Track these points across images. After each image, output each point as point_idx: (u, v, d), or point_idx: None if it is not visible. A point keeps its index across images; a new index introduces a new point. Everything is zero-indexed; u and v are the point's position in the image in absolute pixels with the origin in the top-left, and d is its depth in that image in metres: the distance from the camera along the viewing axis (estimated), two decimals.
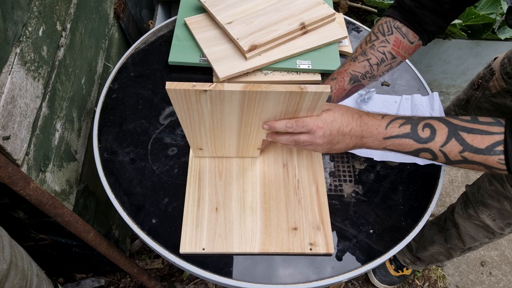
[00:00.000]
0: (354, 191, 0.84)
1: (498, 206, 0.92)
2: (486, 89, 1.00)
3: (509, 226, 0.95)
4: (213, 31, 1.04)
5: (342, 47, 1.09)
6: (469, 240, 1.05)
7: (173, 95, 0.59)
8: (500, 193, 0.90)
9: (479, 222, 0.99)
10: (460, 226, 1.04)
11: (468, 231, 1.03)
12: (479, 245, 1.07)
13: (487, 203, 0.95)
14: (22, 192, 0.64)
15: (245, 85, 0.58)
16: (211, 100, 0.60)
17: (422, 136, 0.64)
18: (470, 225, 1.02)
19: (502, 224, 0.95)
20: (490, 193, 0.93)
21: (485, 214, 0.96)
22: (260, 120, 0.67)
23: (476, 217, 0.99)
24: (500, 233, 0.98)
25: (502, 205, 0.91)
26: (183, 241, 0.74)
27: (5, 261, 0.62)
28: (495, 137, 0.60)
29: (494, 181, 0.92)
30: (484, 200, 0.95)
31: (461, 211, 1.04)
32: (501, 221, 0.95)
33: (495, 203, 0.92)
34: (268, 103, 0.62)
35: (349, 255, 0.76)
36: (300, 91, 0.59)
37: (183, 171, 0.84)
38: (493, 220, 0.96)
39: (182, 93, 0.58)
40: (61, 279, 1.30)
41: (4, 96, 0.63)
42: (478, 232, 1.01)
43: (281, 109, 0.64)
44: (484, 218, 0.97)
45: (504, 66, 0.94)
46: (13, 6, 0.65)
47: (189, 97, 0.59)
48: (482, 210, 0.96)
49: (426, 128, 0.64)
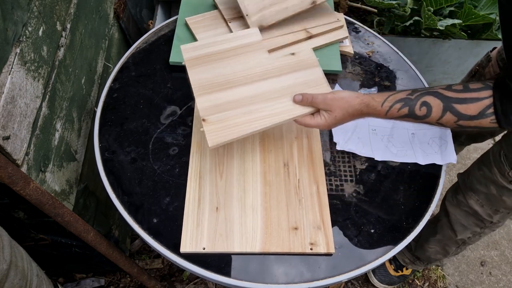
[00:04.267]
0: (355, 191, 0.84)
1: (485, 191, 0.93)
2: (482, 76, 1.03)
3: (497, 213, 0.95)
4: (214, 31, 1.04)
5: (342, 47, 1.09)
6: (460, 229, 1.05)
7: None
8: (487, 178, 0.91)
9: (468, 208, 0.99)
10: (451, 214, 1.05)
11: (459, 219, 1.04)
12: (472, 237, 1.06)
13: (476, 188, 0.96)
14: (22, 192, 0.64)
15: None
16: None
17: (420, 115, 0.71)
18: (461, 213, 1.02)
19: (490, 211, 0.96)
20: (478, 178, 0.94)
21: (473, 199, 0.97)
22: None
23: (465, 203, 0.99)
24: (489, 221, 0.98)
25: (489, 190, 0.92)
26: (183, 240, 0.74)
27: (5, 261, 0.62)
28: (485, 102, 0.66)
29: (483, 166, 0.93)
30: (473, 186, 0.96)
31: (451, 198, 1.05)
32: (488, 207, 0.95)
33: (483, 187, 0.93)
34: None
35: (349, 255, 0.75)
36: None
37: (184, 171, 0.84)
38: (481, 206, 0.96)
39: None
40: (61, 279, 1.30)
41: (4, 96, 0.63)
42: (468, 219, 1.02)
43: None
44: (472, 203, 0.97)
45: (500, 52, 0.96)
46: (13, 6, 0.65)
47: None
48: (471, 196, 0.97)
49: (423, 107, 0.70)
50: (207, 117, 0.74)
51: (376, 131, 0.93)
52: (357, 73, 1.07)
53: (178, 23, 1.08)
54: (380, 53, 1.12)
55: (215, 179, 0.82)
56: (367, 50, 1.13)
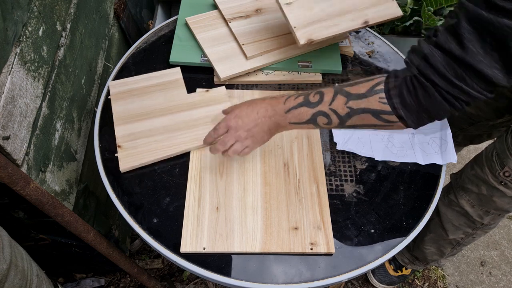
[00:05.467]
0: (355, 191, 0.84)
1: (476, 191, 0.93)
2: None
3: (487, 214, 0.95)
4: (214, 31, 1.04)
5: (342, 47, 1.09)
6: (451, 228, 1.05)
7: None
8: (479, 177, 0.91)
9: (459, 208, 0.99)
10: (442, 214, 1.05)
11: (450, 219, 1.04)
12: (465, 238, 1.06)
13: (467, 188, 0.95)
14: (22, 192, 0.64)
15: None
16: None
17: (313, 101, 0.69)
18: (452, 213, 1.02)
19: (480, 212, 0.95)
20: (470, 177, 0.94)
21: (465, 199, 0.97)
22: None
23: (456, 203, 0.99)
24: (480, 222, 0.98)
25: (479, 190, 0.92)
26: (184, 240, 0.74)
27: (5, 261, 0.62)
28: (375, 80, 0.64)
29: (476, 166, 0.93)
30: (464, 185, 0.96)
31: (444, 197, 1.04)
32: (479, 207, 0.95)
33: (474, 187, 0.93)
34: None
35: (349, 255, 0.75)
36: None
37: (184, 171, 0.84)
38: (472, 206, 0.96)
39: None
40: (61, 279, 1.30)
41: (4, 96, 0.63)
42: (459, 219, 1.02)
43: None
44: (463, 203, 0.97)
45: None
46: (13, 6, 0.65)
47: None
48: (462, 195, 0.97)
49: (316, 94, 0.69)
50: (122, 144, 0.84)
51: (376, 131, 0.93)
52: (357, 73, 1.07)
53: (178, 23, 1.08)
54: (380, 53, 1.12)
55: (215, 179, 0.82)
56: (367, 50, 1.13)
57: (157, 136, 0.86)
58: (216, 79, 0.99)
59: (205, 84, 0.99)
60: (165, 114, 0.90)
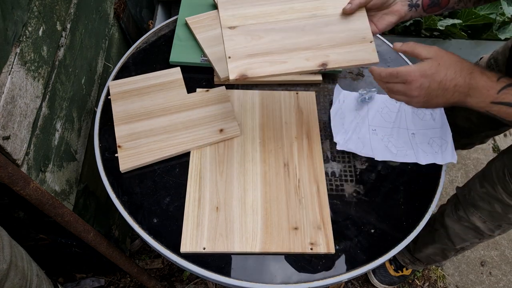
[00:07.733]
0: (355, 191, 0.84)
1: (489, 209, 0.92)
2: None
3: (498, 228, 0.95)
4: (214, 31, 1.04)
5: None
6: (458, 241, 1.05)
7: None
8: (491, 196, 0.90)
9: (469, 224, 0.98)
10: (449, 228, 1.04)
11: (457, 233, 1.03)
12: (470, 245, 1.07)
13: (478, 205, 0.94)
14: (22, 192, 0.64)
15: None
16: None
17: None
18: (460, 227, 1.02)
19: (492, 226, 0.95)
20: (481, 195, 0.93)
21: (476, 216, 0.96)
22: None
23: (466, 219, 0.98)
24: (489, 234, 0.98)
25: (493, 207, 0.91)
26: (184, 240, 0.74)
27: (5, 261, 0.62)
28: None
29: (486, 184, 0.91)
30: (475, 203, 0.95)
31: (451, 213, 1.03)
32: (491, 223, 0.94)
33: (486, 205, 0.92)
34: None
35: (349, 255, 0.75)
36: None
37: (184, 171, 0.84)
38: (483, 222, 0.95)
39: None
40: (61, 279, 1.30)
41: (4, 96, 0.63)
42: (467, 233, 1.01)
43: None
44: (474, 220, 0.96)
45: (491, 66, 0.93)
46: (13, 6, 0.65)
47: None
48: (473, 212, 0.96)
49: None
50: (122, 144, 0.84)
51: (376, 131, 0.93)
52: (357, 73, 1.07)
53: (178, 23, 1.08)
54: (380, 53, 1.12)
55: (215, 179, 0.82)
56: None
57: (157, 136, 0.86)
58: (216, 79, 0.99)
59: (205, 84, 0.99)
60: (165, 114, 0.90)
